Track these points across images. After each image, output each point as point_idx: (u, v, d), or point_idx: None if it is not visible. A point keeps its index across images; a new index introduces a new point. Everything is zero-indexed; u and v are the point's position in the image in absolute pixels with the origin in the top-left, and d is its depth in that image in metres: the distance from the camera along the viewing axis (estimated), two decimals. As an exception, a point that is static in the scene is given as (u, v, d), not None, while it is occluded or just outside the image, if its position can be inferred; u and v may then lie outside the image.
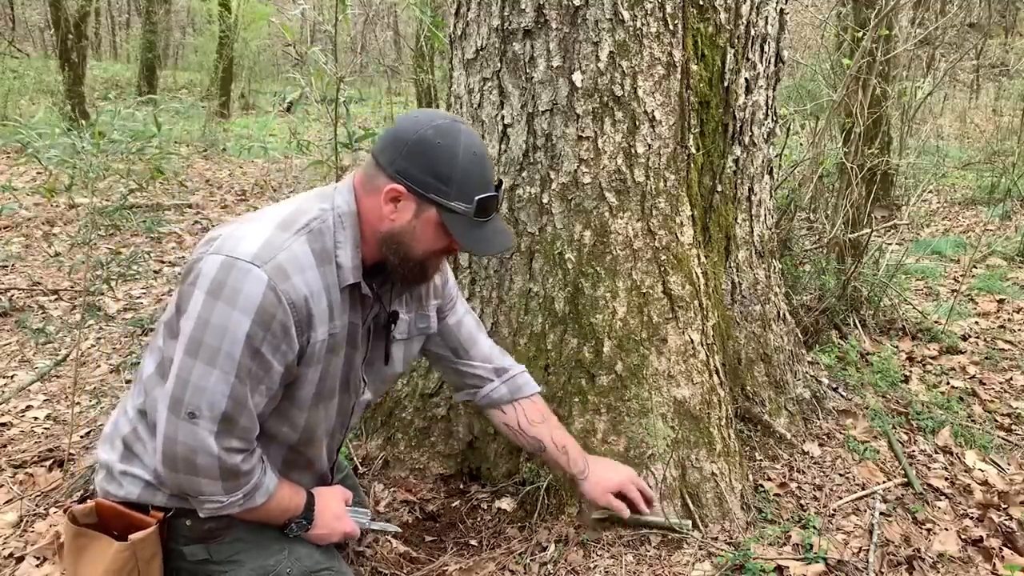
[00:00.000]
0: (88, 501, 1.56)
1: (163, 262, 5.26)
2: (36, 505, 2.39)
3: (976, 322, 4.31)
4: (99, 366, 3.51)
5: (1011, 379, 3.52)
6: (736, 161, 2.54)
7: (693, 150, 2.38)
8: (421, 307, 1.72)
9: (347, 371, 1.58)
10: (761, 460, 2.59)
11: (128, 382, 3.14)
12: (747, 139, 2.55)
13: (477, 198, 1.43)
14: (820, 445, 2.72)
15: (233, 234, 1.41)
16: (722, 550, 2.10)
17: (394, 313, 1.60)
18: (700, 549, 2.11)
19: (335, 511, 1.66)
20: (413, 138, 1.41)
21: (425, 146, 1.41)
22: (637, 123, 2.22)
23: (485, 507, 2.32)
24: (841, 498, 2.44)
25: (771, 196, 2.84)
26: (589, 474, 1.93)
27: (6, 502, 2.42)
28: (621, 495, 1.95)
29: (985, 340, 3.98)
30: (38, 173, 6.83)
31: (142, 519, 1.50)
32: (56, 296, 4.45)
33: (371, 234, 1.47)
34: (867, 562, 2.11)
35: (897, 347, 3.72)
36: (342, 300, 1.47)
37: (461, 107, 2.39)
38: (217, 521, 1.53)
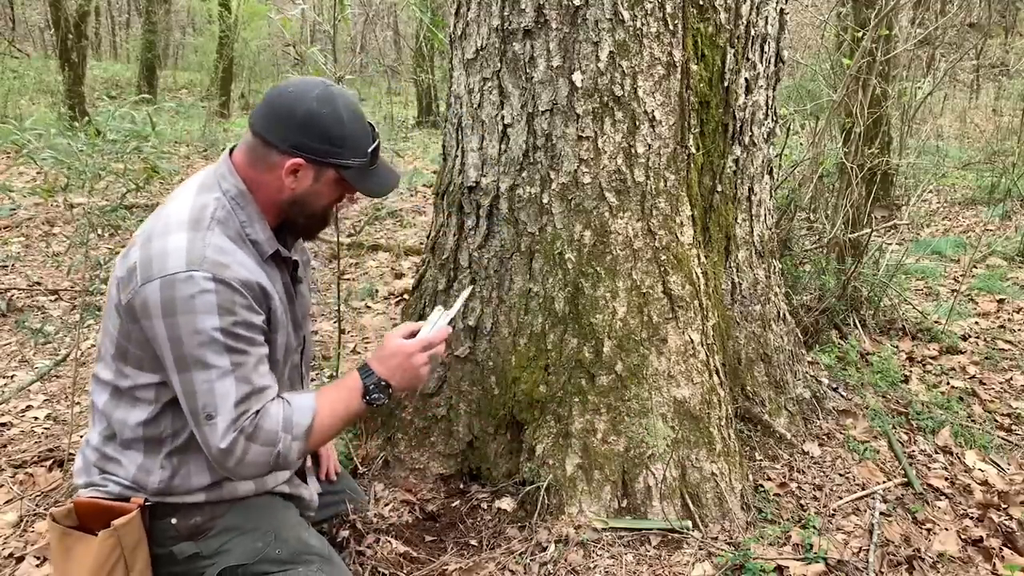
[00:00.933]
0: (67, 503, 1.59)
1: (163, 262, 5.25)
2: (36, 505, 2.39)
3: (976, 322, 4.31)
4: (99, 366, 3.50)
5: (1011, 379, 3.52)
6: (736, 161, 2.54)
7: (693, 150, 2.38)
8: (300, 245, 1.86)
9: (296, 324, 1.71)
10: (761, 460, 2.59)
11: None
12: (747, 139, 2.55)
13: (369, 149, 1.57)
14: (820, 445, 2.72)
15: (150, 257, 1.45)
16: (722, 550, 2.10)
17: (296, 262, 1.72)
18: (700, 549, 2.11)
19: (394, 348, 1.64)
20: (301, 113, 1.51)
21: (313, 118, 1.51)
22: (637, 123, 2.22)
23: (485, 507, 2.32)
24: (841, 498, 2.44)
25: (771, 196, 2.84)
26: None
27: (6, 502, 2.42)
28: None
29: (985, 340, 3.98)
30: (37, 173, 6.83)
31: (123, 507, 1.54)
32: (56, 296, 4.45)
33: (270, 204, 1.59)
34: (867, 562, 2.11)
35: (897, 347, 3.72)
36: (270, 268, 1.59)
37: (461, 107, 2.39)
38: (202, 515, 1.58)
